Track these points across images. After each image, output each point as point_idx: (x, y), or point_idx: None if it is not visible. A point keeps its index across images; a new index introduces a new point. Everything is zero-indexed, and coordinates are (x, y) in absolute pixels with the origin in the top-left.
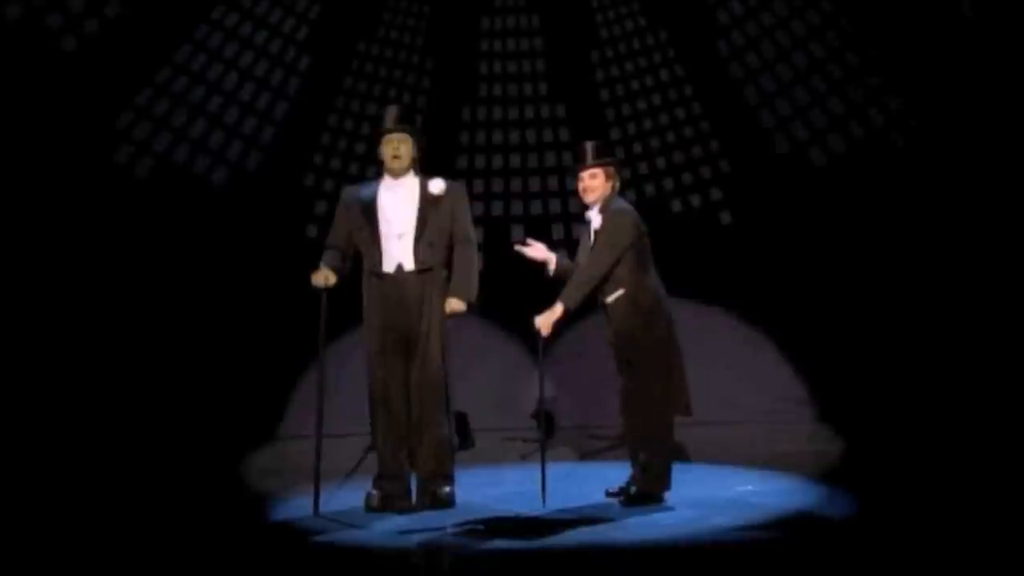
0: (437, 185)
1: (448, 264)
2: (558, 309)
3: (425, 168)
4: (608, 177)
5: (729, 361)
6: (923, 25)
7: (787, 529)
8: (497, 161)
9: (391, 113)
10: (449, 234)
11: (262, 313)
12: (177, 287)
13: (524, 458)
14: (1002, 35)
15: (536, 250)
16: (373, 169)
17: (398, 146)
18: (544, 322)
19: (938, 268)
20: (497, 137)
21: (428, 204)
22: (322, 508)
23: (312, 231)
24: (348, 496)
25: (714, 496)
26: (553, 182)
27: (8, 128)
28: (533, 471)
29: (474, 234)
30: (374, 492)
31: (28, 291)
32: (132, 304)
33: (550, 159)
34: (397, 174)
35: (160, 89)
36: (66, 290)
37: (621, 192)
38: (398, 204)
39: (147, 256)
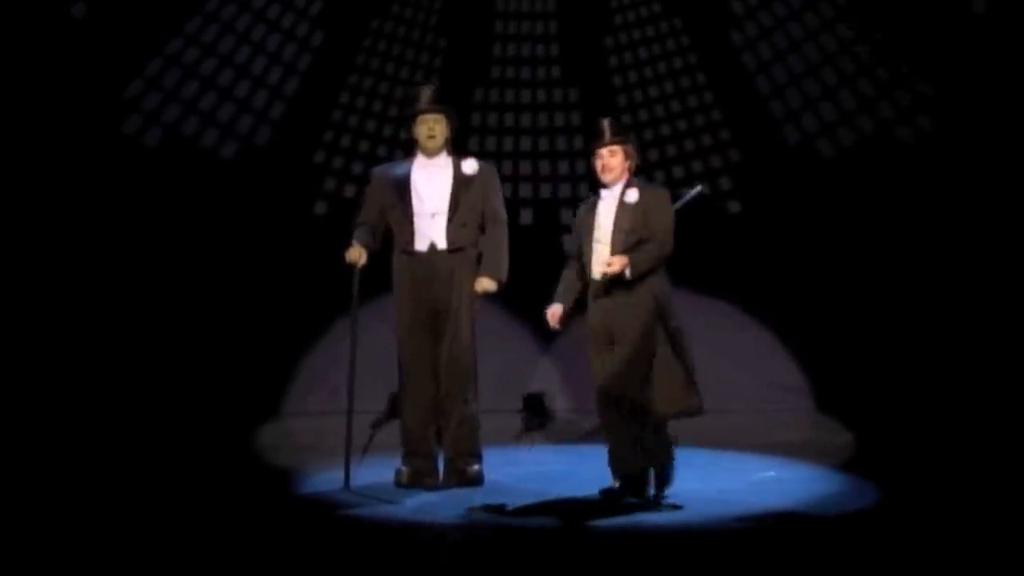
0: (470, 165)
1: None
2: (623, 265)
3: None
4: (627, 156)
5: (732, 349)
6: (934, 21)
7: (818, 515)
8: (508, 144)
9: (426, 93)
10: (480, 214)
11: (267, 289)
12: (182, 259)
13: (531, 448)
14: (1013, 31)
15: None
16: (383, 147)
17: (433, 126)
18: (619, 261)
19: (942, 262)
20: (509, 120)
21: (461, 184)
22: (352, 483)
23: (321, 208)
24: (377, 472)
25: (736, 482)
26: (564, 166)
27: (16, 94)
28: (547, 451)
29: (505, 214)
30: (403, 468)
31: (33, 260)
32: (135, 275)
33: (561, 143)
34: (431, 154)
35: (171, 59)
36: (70, 259)
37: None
38: (432, 183)
39: (153, 227)
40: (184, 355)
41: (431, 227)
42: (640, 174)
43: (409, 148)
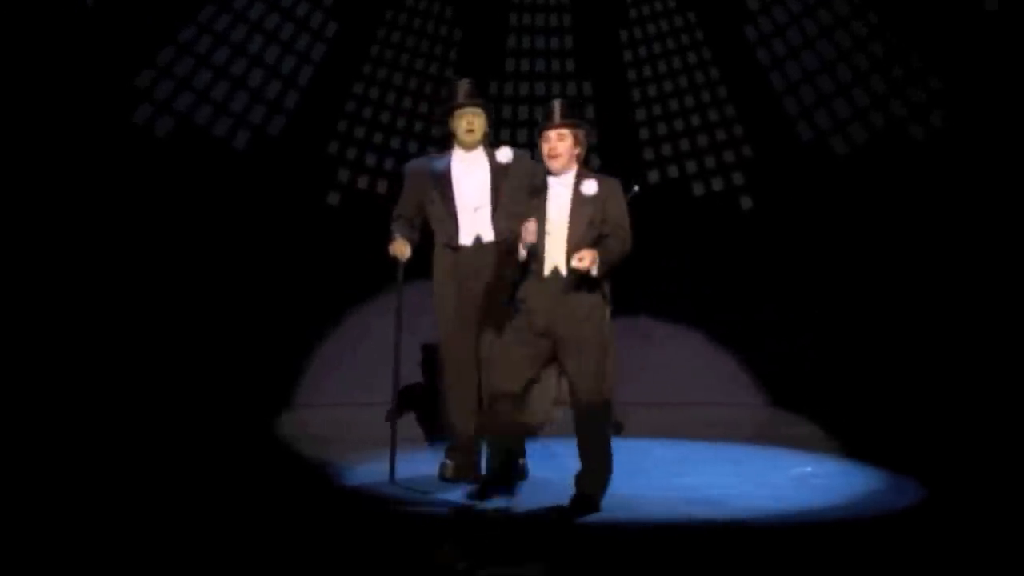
0: (505, 154)
1: None
2: (593, 260)
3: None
4: (577, 142)
5: (735, 343)
6: (946, 18)
7: (869, 509)
8: (522, 136)
9: (463, 87)
10: (522, 201)
11: (280, 280)
12: (194, 250)
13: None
14: None
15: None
16: (397, 138)
17: (472, 119)
18: (590, 256)
19: (953, 259)
20: (523, 112)
21: (498, 174)
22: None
23: (334, 199)
24: (414, 466)
25: (774, 477)
26: None
27: (26, 82)
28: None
29: None
30: (448, 462)
31: (43, 251)
32: (146, 265)
33: None
34: (469, 147)
35: (183, 48)
36: (81, 250)
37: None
38: (472, 177)
39: (164, 217)
40: (196, 347)
41: (475, 221)
42: (654, 168)
43: (438, 142)
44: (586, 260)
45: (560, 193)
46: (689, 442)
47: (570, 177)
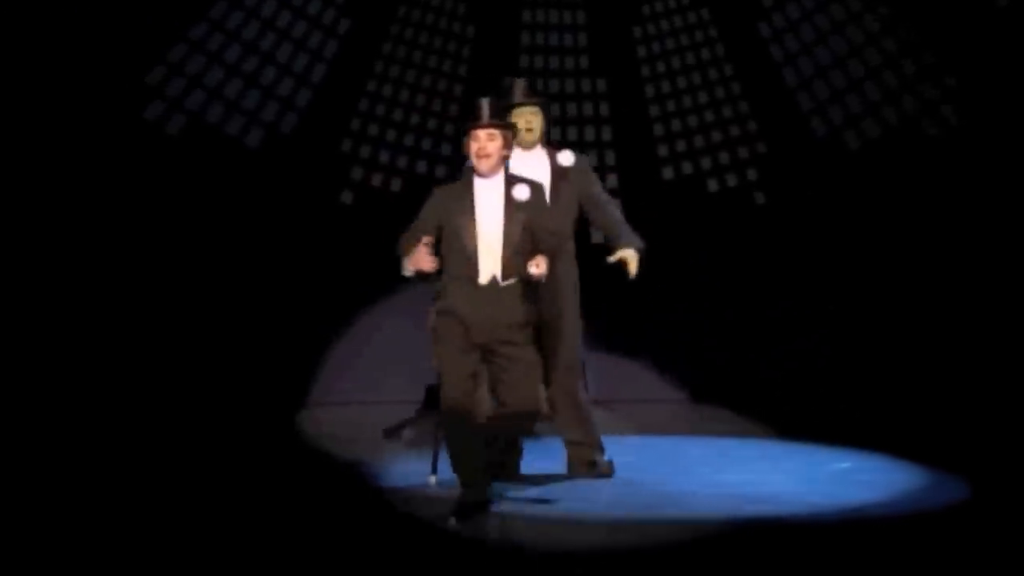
0: (566, 157)
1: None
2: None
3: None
4: (506, 143)
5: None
6: (957, 14)
7: (920, 504)
8: None
9: (520, 86)
10: (579, 204)
11: (293, 278)
12: (206, 249)
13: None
14: None
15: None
16: (410, 135)
17: (530, 118)
18: (544, 262)
19: (962, 257)
20: None
21: (558, 176)
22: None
23: (347, 197)
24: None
25: (815, 473)
26: (593, 157)
27: (35, 78)
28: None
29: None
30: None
31: (55, 250)
32: (158, 264)
33: (589, 133)
34: (528, 146)
35: (195, 45)
36: (93, 249)
37: None
38: (533, 177)
39: (176, 215)
40: (208, 347)
41: None
42: (668, 165)
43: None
44: (542, 267)
45: (491, 197)
46: (717, 439)
47: (499, 180)
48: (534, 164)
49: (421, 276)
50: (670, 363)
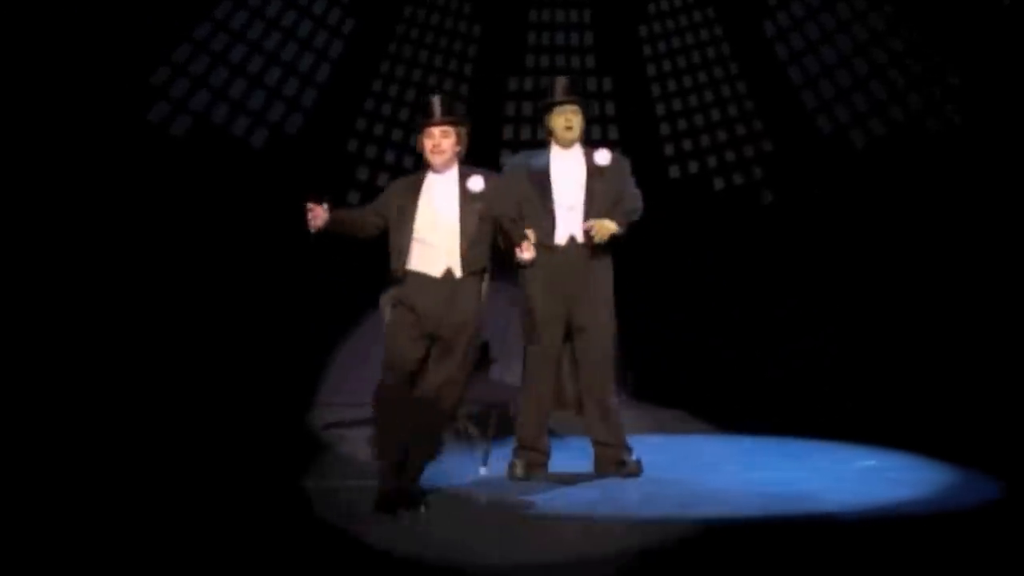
0: (603, 156)
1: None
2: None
3: (474, 137)
4: (459, 139)
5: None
6: (962, 12)
7: (952, 501)
8: (542, 132)
9: (561, 83)
10: (615, 205)
11: (298, 280)
12: (211, 250)
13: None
14: None
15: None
16: (416, 136)
17: (571, 117)
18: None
19: (968, 255)
20: None
21: (594, 176)
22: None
23: (354, 198)
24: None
25: (843, 471)
26: None
27: (40, 79)
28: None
29: (641, 197)
30: (517, 461)
31: (60, 251)
32: (163, 265)
33: (595, 132)
34: (567, 145)
35: (199, 45)
36: (98, 250)
37: None
38: (570, 176)
39: (181, 217)
40: (218, 347)
41: (569, 221)
42: (675, 164)
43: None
44: (530, 250)
45: (446, 191)
46: (735, 437)
47: (453, 174)
48: (573, 163)
49: (317, 230)
50: (677, 362)
